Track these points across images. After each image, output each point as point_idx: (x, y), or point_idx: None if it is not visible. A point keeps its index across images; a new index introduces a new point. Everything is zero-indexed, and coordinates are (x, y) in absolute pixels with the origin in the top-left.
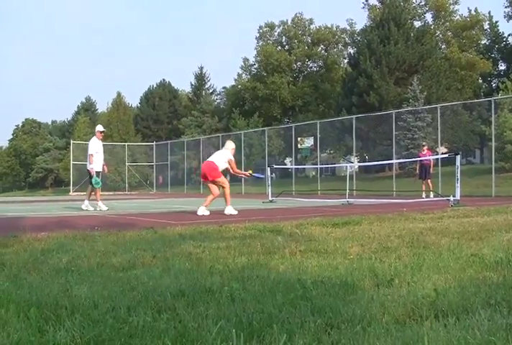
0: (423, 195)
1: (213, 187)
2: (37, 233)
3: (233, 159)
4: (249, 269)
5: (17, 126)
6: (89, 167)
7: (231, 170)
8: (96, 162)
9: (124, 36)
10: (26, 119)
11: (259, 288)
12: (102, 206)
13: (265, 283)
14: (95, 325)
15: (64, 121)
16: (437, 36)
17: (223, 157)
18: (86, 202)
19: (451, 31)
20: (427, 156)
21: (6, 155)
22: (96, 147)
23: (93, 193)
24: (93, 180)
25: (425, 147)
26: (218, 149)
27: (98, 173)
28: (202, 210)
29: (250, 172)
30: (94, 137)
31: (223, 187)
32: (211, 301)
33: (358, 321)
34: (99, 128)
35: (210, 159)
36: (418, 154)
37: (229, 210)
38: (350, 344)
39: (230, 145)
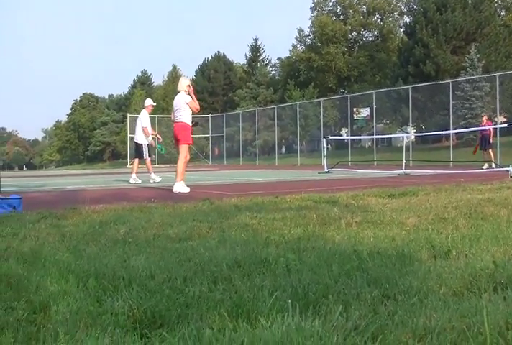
0: (484, 166)
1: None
2: (95, 206)
3: (189, 98)
4: (305, 240)
5: (75, 100)
6: (147, 140)
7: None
8: (148, 135)
9: (179, 9)
10: (83, 94)
11: (314, 259)
12: (156, 178)
13: (321, 254)
14: (152, 295)
15: (121, 95)
16: (496, 2)
17: (185, 107)
18: (134, 175)
19: None
20: (487, 126)
21: (65, 129)
22: (148, 120)
23: (143, 166)
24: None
25: (484, 118)
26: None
27: (148, 146)
28: (179, 187)
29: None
30: (144, 110)
31: (179, 157)
32: (266, 272)
33: (415, 293)
34: (152, 102)
35: (179, 119)
36: (479, 125)
37: (178, 187)
38: (407, 316)
39: (185, 82)
